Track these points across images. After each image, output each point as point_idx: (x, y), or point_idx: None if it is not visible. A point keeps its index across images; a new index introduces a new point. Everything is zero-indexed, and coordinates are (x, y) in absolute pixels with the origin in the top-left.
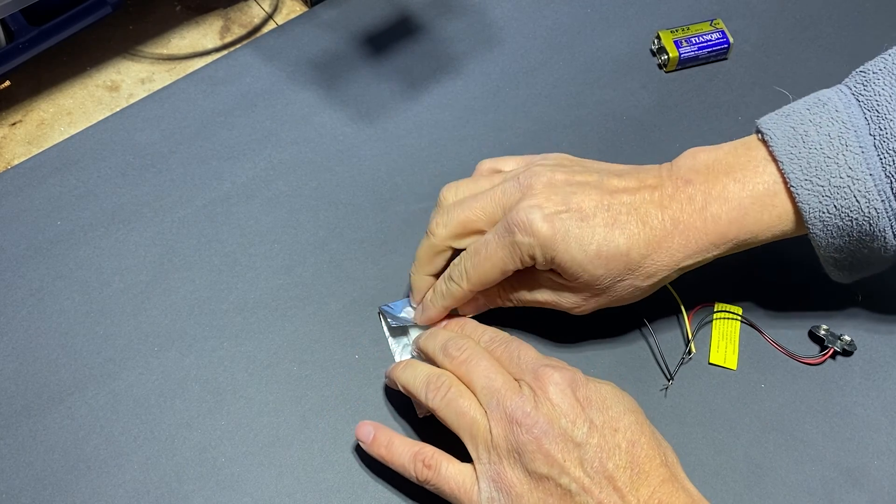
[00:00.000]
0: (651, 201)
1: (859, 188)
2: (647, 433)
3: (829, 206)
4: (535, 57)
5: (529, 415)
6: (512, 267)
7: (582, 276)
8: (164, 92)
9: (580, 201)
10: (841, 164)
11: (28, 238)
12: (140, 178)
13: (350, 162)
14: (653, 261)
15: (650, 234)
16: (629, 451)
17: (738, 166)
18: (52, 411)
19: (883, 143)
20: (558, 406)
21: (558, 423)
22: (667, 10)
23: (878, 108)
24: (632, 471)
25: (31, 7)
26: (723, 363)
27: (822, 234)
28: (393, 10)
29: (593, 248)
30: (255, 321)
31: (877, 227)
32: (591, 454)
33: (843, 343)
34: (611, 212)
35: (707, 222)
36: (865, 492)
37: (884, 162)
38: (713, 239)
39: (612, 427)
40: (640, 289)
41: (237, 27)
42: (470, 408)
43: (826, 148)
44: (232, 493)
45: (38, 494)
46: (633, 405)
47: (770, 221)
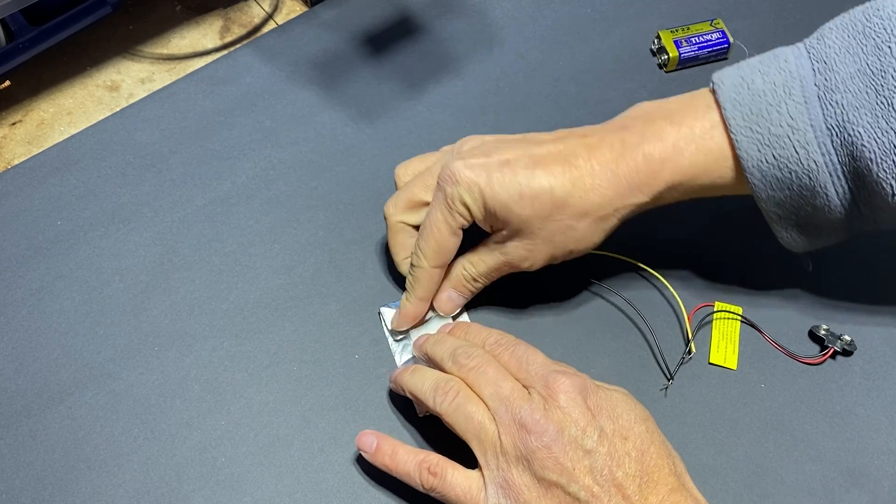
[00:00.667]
0: (579, 145)
1: (799, 138)
2: (656, 442)
3: (767, 155)
4: (535, 57)
5: (539, 422)
6: (454, 223)
7: (512, 220)
8: (164, 92)
9: (503, 152)
10: (782, 112)
11: (28, 238)
12: (140, 178)
13: (350, 162)
14: (580, 198)
15: (575, 172)
16: (639, 459)
17: (679, 111)
18: (52, 411)
19: (827, 94)
20: (568, 413)
21: (568, 431)
22: (667, 10)
23: (826, 59)
24: (641, 479)
25: (31, 7)
26: (723, 363)
27: (761, 184)
28: (393, 10)
29: (515, 189)
30: (255, 321)
31: (817, 181)
32: (600, 462)
33: (843, 343)
34: (533, 157)
35: (638, 161)
36: (865, 492)
37: (826, 113)
38: (645, 178)
39: (622, 435)
40: (577, 230)
41: (237, 27)
42: (478, 413)
43: (769, 95)
44: (232, 493)
45: (38, 494)
46: (643, 413)
47: (706, 165)
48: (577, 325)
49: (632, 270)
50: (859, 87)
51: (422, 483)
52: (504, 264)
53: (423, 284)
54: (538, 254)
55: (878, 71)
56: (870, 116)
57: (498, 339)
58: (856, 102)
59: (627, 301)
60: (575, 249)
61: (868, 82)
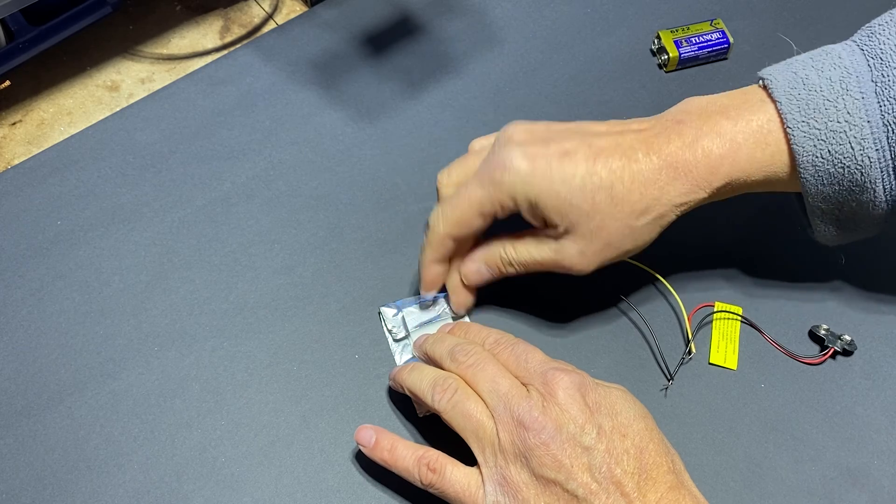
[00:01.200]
0: (637, 140)
1: (855, 134)
2: (655, 440)
3: (823, 151)
4: (535, 57)
5: (537, 419)
6: (489, 208)
7: (570, 214)
8: (164, 92)
9: (561, 142)
10: (840, 108)
11: (28, 238)
12: (140, 178)
13: (350, 162)
14: (641, 195)
15: (634, 167)
16: (637, 457)
17: (734, 107)
18: (52, 411)
19: (884, 90)
20: (567, 410)
21: (567, 428)
22: (667, 10)
23: (881, 55)
24: (639, 477)
25: (31, 7)
26: (723, 363)
27: (813, 179)
28: (393, 10)
29: (577, 182)
30: (255, 321)
31: (868, 177)
32: (599, 459)
33: (843, 343)
34: (592, 149)
35: (697, 155)
36: (865, 492)
37: (883, 109)
38: (704, 173)
39: (620, 433)
40: (636, 229)
41: (237, 27)
42: (477, 410)
43: (826, 91)
44: (232, 493)
45: (38, 494)
46: (642, 411)
47: (763, 160)
48: (577, 325)
49: (632, 271)
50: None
51: (420, 479)
52: (552, 262)
53: (434, 248)
54: (592, 256)
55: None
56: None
57: (497, 339)
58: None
59: (627, 301)
60: (632, 249)
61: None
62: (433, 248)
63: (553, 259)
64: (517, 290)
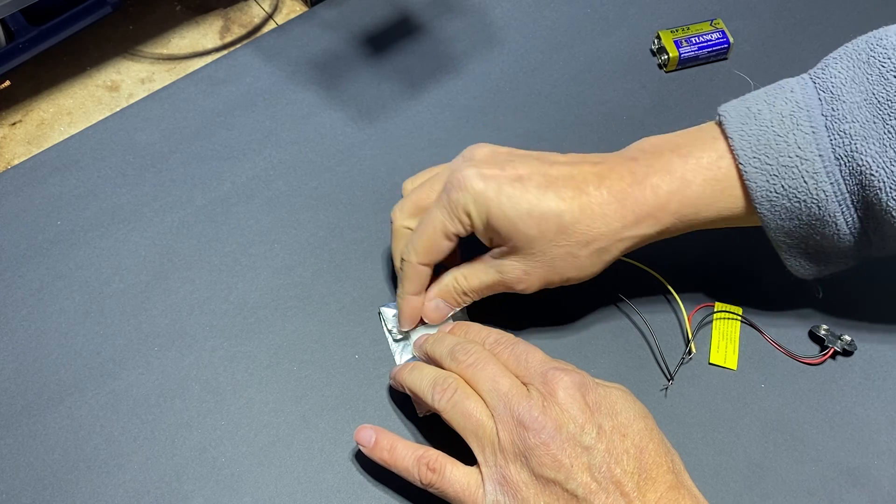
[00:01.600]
0: (590, 173)
1: (807, 168)
2: (655, 439)
3: (776, 186)
4: (535, 57)
5: (537, 419)
6: (452, 229)
7: (515, 237)
8: (164, 92)
9: (517, 167)
10: (790, 143)
11: (28, 238)
12: (140, 178)
13: (350, 162)
14: (587, 226)
15: (585, 199)
16: (637, 456)
17: (686, 144)
18: (52, 411)
19: (834, 123)
20: (567, 410)
21: (567, 428)
22: (667, 10)
23: (832, 89)
24: (639, 476)
25: (31, 7)
26: (723, 363)
27: (770, 214)
28: (393, 10)
29: (524, 207)
30: (255, 321)
31: (826, 211)
32: (598, 459)
33: (843, 343)
34: (546, 178)
35: (646, 193)
36: (865, 492)
37: (834, 143)
38: (651, 209)
39: (620, 432)
40: (579, 258)
41: (237, 27)
42: (476, 410)
43: (777, 126)
44: (232, 493)
45: (38, 494)
46: (642, 411)
47: (715, 197)
48: (577, 325)
49: (632, 271)
50: (866, 116)
51: (420, 479)
52: (498, 283)
53: (411, 280)
54: (534, 277)
55: (884, 100)
56: (878, 146)
57: (497, 338)
58: (863, 132)
59: (627, 301)
60: (572, 278)
61: (875, 112)
62: (410, 281)
63: (499, 279)
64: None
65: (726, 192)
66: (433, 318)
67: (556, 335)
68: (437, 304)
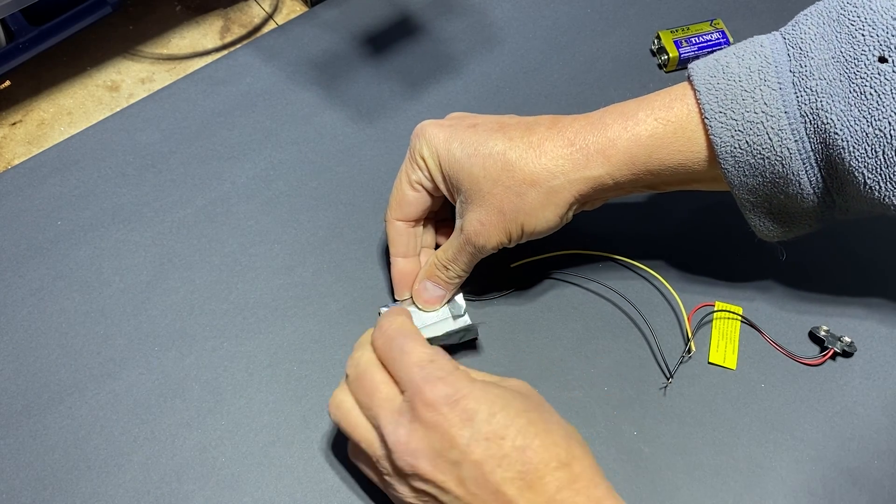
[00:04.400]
0: (545, 118)
1: (773, 125)
2: (541, 434)
3: (741, 142)
4: (535, 57)
5: (402, 442)
6: (413, 175)
7: (463, 179)
8: (164, 92)
9: (476, 119)
10: (757, 98)
11: (28, 238)
12: (140, 178)
13: (350, 162)
14: (533, 163)
15: (532, 138)
16: (519, 458)
17: (652, 97)
18: (52, 411)
19: (801, 80)
20: (434, 427)
21: (432, 446)
22: (667, 10)
23: (801, 45)
24: (522, 480)
25: (31, 7)
26: (722, 363)
27: (734, 170)
28: (393, 10)
29: (471, 149)
30: (255, 321)
31: (790, 168)
32: (470, 472)
33: (843, 344)
34: (499, 124)
35: (596, 129)
36: (865, 492)
37: (800, 100)
38: (601, 146)
39: (498, 436)
40: (528, 200)
41: (237, 27)
42: (361, 429)
43: (745, 81)
44: (232, 493)
45: (38, 494)
46: (525, 405)
47: (667, 138)
48: (577, 324)
49: (632, 271)
50: (833, 74)
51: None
52: (464, 243)
53: (392, 240)
54: (491, 227)
55: (851, 58)
56: (843, 104)
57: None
58: (829, 90)
59: (628, 301)
60: (527, 224)
61: (842, 70)
62: (391, 242)
63: (464, 240)
64: (519, 290)
65: (680, 135)
66: (424, 300)
67: (556, 335)
68: (425, 285)
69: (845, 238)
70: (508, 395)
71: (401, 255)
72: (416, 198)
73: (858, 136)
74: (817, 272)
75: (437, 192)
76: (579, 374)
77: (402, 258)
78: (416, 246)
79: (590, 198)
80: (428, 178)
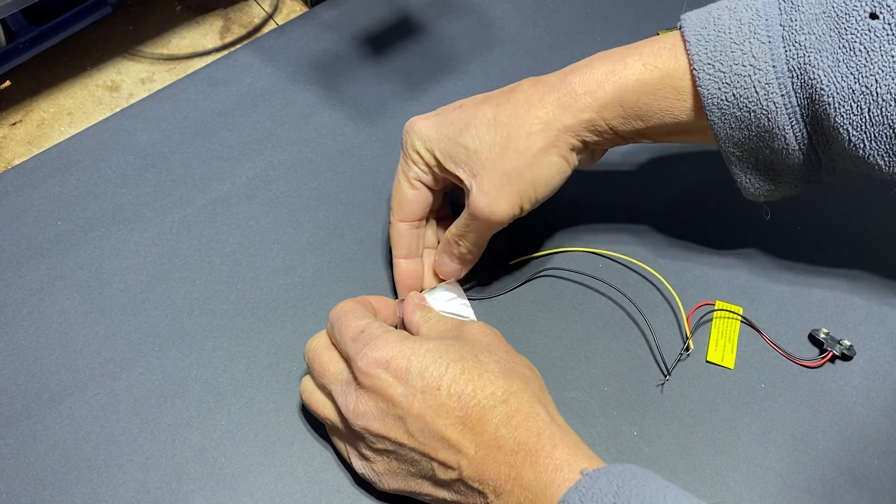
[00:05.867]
0: (528, 81)
1: (760, 79)
2: (475, 378)
3: (728, 94)
4: (535, 57)
5: (351, 409)
6: (409, 172)
7: (460, 155)
8: (164, 92)
9: (459, 102)
10: (746, 51)
11: (28, 238)
12: (140, 178)
13: (350, 162)
14: (523, 118)
15: (519, 96)
16: (456, 404)
17: (642, 45)
18: (52, 411)
19: (791, 34)
20: (374, 389)
21: (378, 407)
22: (667, 10)
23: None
24: (463, 424)
25: (31, 7)
26: (720, 362)
27: (721, 122)
28: (393, 10)
29: (462, 122)
30: (255, 321)
31: (776, 123)
32: (415, 424)
33: (842, 347)
34: (484, 97)
35: (583, 72)
36: (865, 492)
37: (788, 54)
38: (588, 87)
39: (433, 387)
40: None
41: (237, 27)
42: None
43: (734, 33)
44: (232, 493)
45: (38, 494)
46: (459, 353)
47: (654, 84)
48: (577, 324)
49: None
50: (823, 29)
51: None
52: (473, 216)
53: (395, 242)
54: (498, 194)
55: (842, 13)
56: (830, 60)
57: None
58: (818, 45)
59: (629, 299)
60: (535, 181)
61: (832, 24)
62: (394, 243)
63: (472, 214)
64: (517, 288)
65: (667, 83)
66: (444, 272)
67: (556, 335)
68: (442, 259)
69: (847, 238)
70: (442, 347)
71: (403, 256)
72: (417, 195)
73: (845, 93)
74: (818, 273)
75: (436, 186)
76: (579, 373)
77: (404, 259)
78: (418, 247)
79: (590, 143)
80: (426, 171)
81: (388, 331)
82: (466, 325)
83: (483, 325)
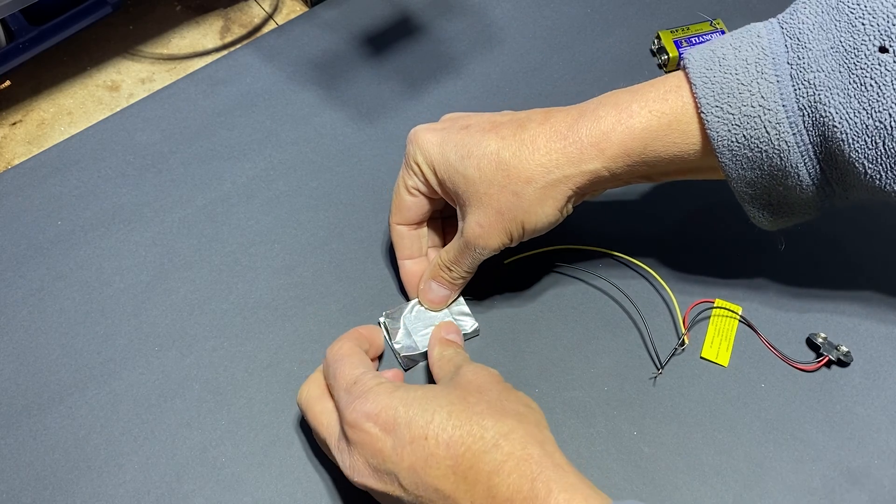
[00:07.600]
0: (536, 113)
1: (770, 119)
2: (463, 423)
3: (738, 136)
4: (535, 57)
5: (347, 466)
6: (409, 181)
7: (459, 182)
8: (164, 92)
9: (468, 120)
10: (754, 91)
11: (28, 238)
12: (140, 178)
13: (350, 162)
14: (527, 160)
15: (525, 135)
16: (445, 453)
17: (646, 88)
18: (52, 411)
19: (799, 72)
20: (364, 446)
21: (368, 463)
22: (667, 10)
23: (799, 36)
24: (454, 474)
25: (31, 7)
26: (714, 359)
27: (732, 164)
28: (393, 10)
29: (465, 150)
30: (255, 321)
31: (788, 161)
32: (407, 477)
33: (839, 353)
34: (491, 123)
35: (589, 122)
36: (865, 492)
37: (798, 93)
38: (595, 139)
39: (420, 437)
40: (525, 198)
41: (237, 27)
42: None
43: (741, 74)
44: (232, 493)
45: (38, 494)
46: (448, 398)
47: (662, 130)
48: (576, 323)
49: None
50: (832, 65)
51: None
52: (464, 246)
53: (397, 244)
54: (490, 228)
55: (850, 48)
56: (842, 96)
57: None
58: (828, 82)
59: (627, 297)
60: (527, 222)
61: (841, 60)
62: (396, 246)
63: (464, 242)
64: (518, 288)
65: (675, 128)
66: (429, 301)
67: (556, 335)
68: (429, 285)
69: (847, 240)
70: (430, 394)
71: (406, 257)
72: (415, 203)
73: (858, 129)
74: (818, 274)
75: (434, 196)
76: (579, 373)
77: (408, 260)
78: (421, 247)
79: (588, 189)
80: (424, 184)
81: (381, 383)
82: (463, 367)
83: (478, 367)
